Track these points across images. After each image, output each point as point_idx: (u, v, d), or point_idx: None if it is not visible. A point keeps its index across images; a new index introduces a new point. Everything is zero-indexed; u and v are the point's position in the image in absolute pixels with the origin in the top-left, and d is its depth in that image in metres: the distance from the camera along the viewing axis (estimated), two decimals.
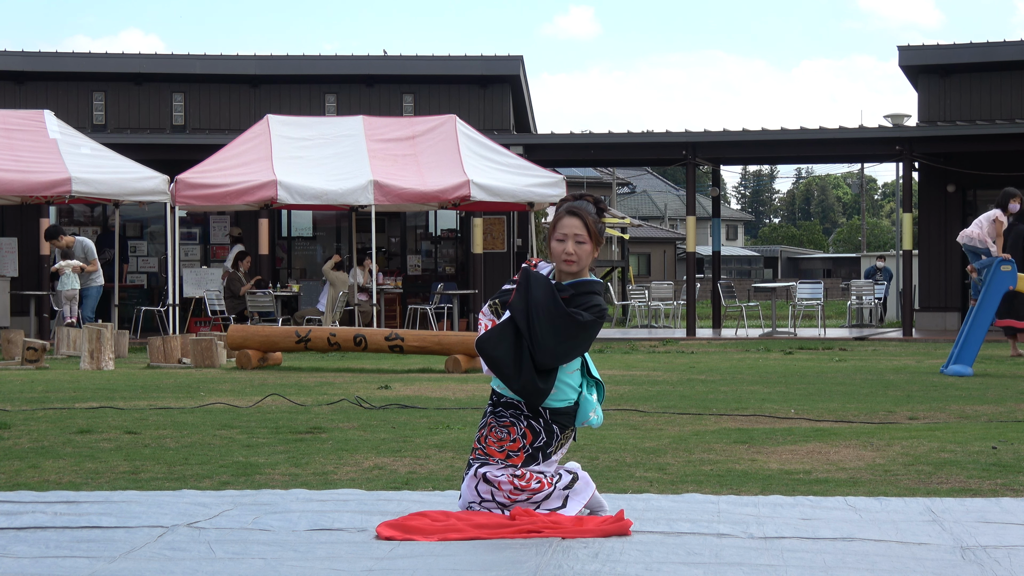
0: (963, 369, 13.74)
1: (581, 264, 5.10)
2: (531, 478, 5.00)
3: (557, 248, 5.10)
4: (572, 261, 5.08)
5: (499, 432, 5.07)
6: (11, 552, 4.57)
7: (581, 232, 5.07)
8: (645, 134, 25.12)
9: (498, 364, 4.99)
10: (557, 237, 5.10)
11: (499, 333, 5.02)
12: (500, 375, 5.03)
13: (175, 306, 19.79)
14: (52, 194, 19.00)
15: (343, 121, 21.82)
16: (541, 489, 4.98)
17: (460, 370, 14.49)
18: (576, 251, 5.07)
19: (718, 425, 8.96)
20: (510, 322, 5.03)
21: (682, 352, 18.66)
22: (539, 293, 5.02)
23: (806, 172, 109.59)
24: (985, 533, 4.90)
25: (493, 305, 5.18)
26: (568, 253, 5.07)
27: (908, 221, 23.78)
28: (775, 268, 69.55)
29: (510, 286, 5.17)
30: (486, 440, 5.09)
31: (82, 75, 25.67)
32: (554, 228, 5.13)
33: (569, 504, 5.01)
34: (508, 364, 4.98)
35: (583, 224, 5.07)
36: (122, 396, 11.36)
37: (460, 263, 25.83)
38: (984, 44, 25.46)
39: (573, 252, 5.06)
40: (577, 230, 5.07)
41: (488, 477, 4.99)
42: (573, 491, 5.03)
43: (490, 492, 5.00)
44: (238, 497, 5.71)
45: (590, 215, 5.10)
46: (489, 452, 5.06)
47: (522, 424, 5.07)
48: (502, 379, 5.04)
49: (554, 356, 4.99)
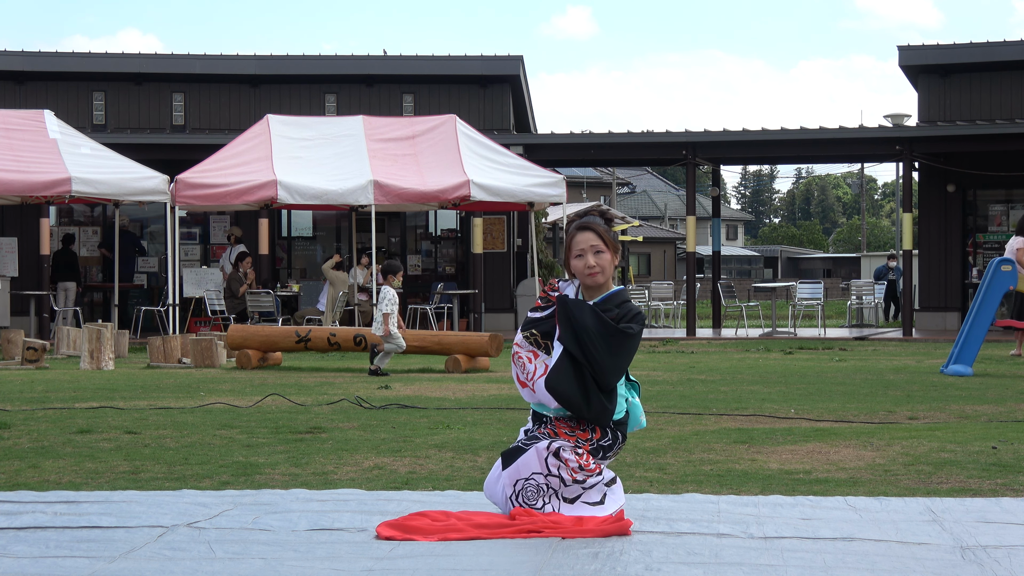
0: (963, 369, 13.74)
1: (606, 275, 5.13)
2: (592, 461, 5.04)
3: (578, 265, 5.13)
4: (596, 273, 5.11)
5: (571, 422, 5.09)
6: (11, 552, 4.56)
7: (597, 242, 5.11)
8: (645, 134, 25.11)
9: (569, 400, 5.03)
10: (575, 255, 5.13)
11: (561, 370, 5.03)
12: (572, 409, 5.06)
13: (175, 306, 19.79)
14: (52, 194, 19.00)
15: (343, 121, 21.81)
16: (596, 471, 5.01)
17: (460, 370, 14.49)
18: (598, 262, 5.10)
19: (718, 425, 8.96)
20: (566, 355, 5.04)
21: (682, 352, 18.65)
22: (587, 319, 5.04)
23: (806, 172, 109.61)
24: (985, 533, 4.90)
25: (531, 336, 5.17)
26: (590, 266, 5.10)
27: (908, 221, 23.78)
28: (775, 268, 69.53)
29: (538, 314, 5.19)
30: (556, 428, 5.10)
31: (82, 75, 25.67)
32: (569, 249, 5.16)
33: (607, 501, 5.02)
34: (577, 397, 5.02)
35: (597, 235, 5.12)
36: (122, 396, 11.36)
37: (460, 263, 25.82)
38: (984, 44, 25.45)
39: (595, 264, 5.10)
40: (593, 241, 5.11)
41: (561, 454, 5.00)
42: (611, 491, 5.05)
43: (557, 467, 4.99)
44: (238, 497, 5.71)
45: (600, 225, 5.15)
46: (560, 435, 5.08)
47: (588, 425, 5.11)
48: (573, 412, 5.07)
49: (617, 374, 5.06)
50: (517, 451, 5.07)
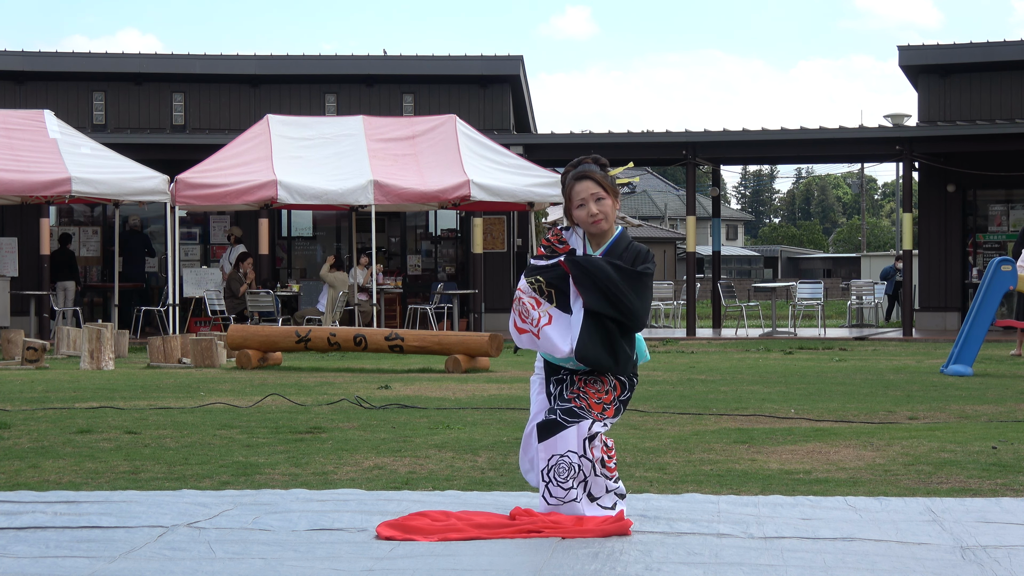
0: (963, 369, 13.74)
1: (609, 221, 5.18)
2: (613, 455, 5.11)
3: (581, 215, 5.17)
4: (600, 220, 5.15)
5: (596, 384, 5.11)
6: (11, 552, 4.57)
7: (596, 189, 5.15)
8: (645, 134, 25.11)
9: (601, 365, 5.06)
10: (576, 205, 5.17)
11: (587, 338, 5.05)
12: (602, 370, 5.09)
13: (175, 306, 19.79)
14: (52, 194, 19.00)
15: (343, 121, 21.81)
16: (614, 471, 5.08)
17: (460, 370, 14.49)
18: (600, 209, 5.14)
19: (718, 425, 8.96)
20: (589, 318, 5.05)
21: (682, 352, 18.65)
22: (609, 273, 5.07)
23: (806, 172, 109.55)
24: (985, 533, 4.90)
25: (536, 283, 5.17)
26: (593, 214, 5.14)
27: (908, 221, 23.77)
28: (775, 268, 69.51)
29: (542, 262, 5.20)
30: (584, 391, 5.11)
31: (82, 75, 25.66)
32: (570, 200, 5.20)
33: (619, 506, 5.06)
34: (608, 360, 5.06)
35: (595, 183, 5.16)
36: (122, 396, 11.36)
37: (460, 263, 25.82)
38: (984, 44, 25.45)
39: (598, 211, 5.14)
40: (593, 189, 5.15)
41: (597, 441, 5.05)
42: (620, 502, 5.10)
43: (592, 451, 5.03)
44: (238, 497, 5.71)
45: (597, 172, 5.19)
46: (591, 405, 5.08)
47: (611, 378, 5.14)
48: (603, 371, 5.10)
49: (647, 314, 5.16)
50: (555, 425, 5.04)
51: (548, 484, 5.01)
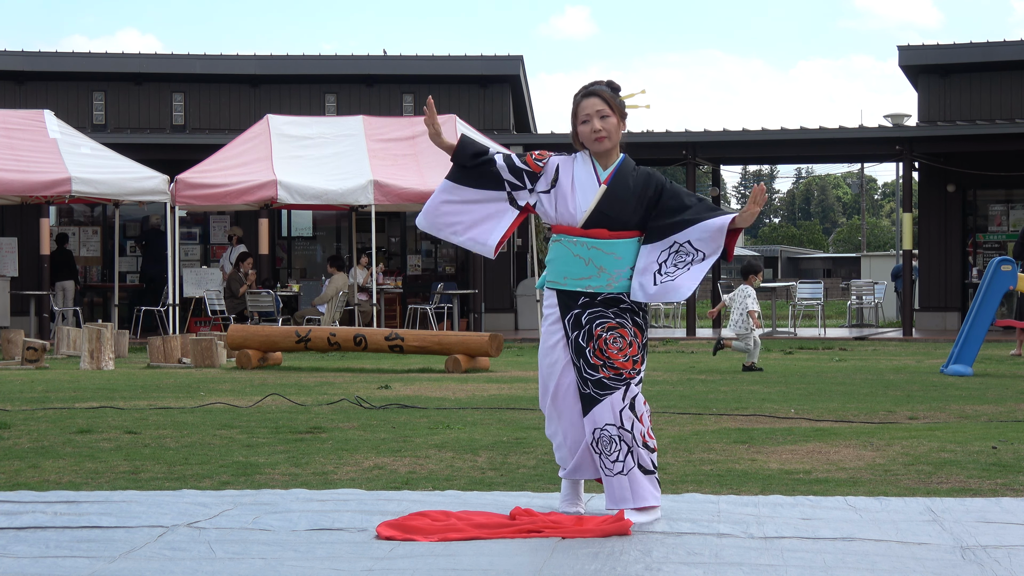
0: (963, 369, 13.74)
1: (613, 140, 5.15)
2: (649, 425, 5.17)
3: (584, 130, 5.15)
4: (604, 137, 5.14)
5: (618, 341, 5.08)
6: (11, 552, 4.56)
7: (602, 107, 5.13)
8: (645, 134, 25.10)
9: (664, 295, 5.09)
10: (581, 120, 5.15)
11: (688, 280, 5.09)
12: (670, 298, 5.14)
13: (175, 306, 19.79)
14: (52, 194, 19.00)
15: (343, 121, 21.81)
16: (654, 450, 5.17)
17: (460, 370, 14.49)
18: (604, 126, 5.12)
19: (718, 425, 8.96)
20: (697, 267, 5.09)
21: (682, 352, 18.66)
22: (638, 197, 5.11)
23: (806, 172, 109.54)
24: (985, 533, 4.90)
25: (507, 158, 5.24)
26: (596, 130, 5.12)
27: (908, 221, 23.77)
28: (775, 268, 69.47)
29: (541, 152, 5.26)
30: (606, 352, 5.08)
31: (82, 75, 25.67)
32: (576, 116, 5.18)
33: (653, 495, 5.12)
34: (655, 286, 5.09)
35: (602, 100, 5.14)
36: (122, 396, 11.36)
37: (460, 263, 25.81)
38: (984, 44, 25.44)
39: (601, 128, 5.12)
40: (598, 107, 5.13)
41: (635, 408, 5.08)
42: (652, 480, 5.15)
43: (631, 422, 5.06)
44: (238, 497, 5.71)
45: (605, 91, 5.17)
46: (619, 365, 5.06)
47: (628, 322, 5.10)
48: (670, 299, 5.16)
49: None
50: (591, 400, 5.06)
51: (600, 456, 5.09)
